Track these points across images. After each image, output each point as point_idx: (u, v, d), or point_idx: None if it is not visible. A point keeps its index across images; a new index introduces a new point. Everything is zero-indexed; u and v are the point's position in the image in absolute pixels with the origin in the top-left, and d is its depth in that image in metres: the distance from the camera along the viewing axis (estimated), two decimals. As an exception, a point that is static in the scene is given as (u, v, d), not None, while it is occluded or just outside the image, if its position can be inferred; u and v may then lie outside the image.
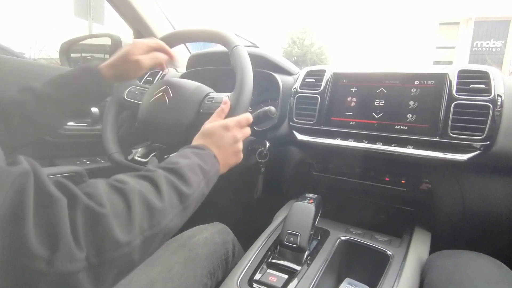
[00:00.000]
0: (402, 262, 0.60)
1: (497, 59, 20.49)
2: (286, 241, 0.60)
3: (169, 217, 0.40)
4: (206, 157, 0.52)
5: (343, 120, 0.78)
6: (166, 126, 0.70)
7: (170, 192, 0.42)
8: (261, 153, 0.82)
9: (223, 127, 0.58)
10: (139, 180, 0.41)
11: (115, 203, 0.35)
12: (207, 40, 0.81)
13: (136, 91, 0.80)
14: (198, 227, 0.74)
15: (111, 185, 0.37)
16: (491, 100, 0.63)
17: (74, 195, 0.31)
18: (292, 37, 22.27)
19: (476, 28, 21.71)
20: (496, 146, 0.63)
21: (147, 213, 0.37)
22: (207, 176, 0.50)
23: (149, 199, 0.38)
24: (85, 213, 0.31)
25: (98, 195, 0.34)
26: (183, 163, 0.47)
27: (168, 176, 0.43)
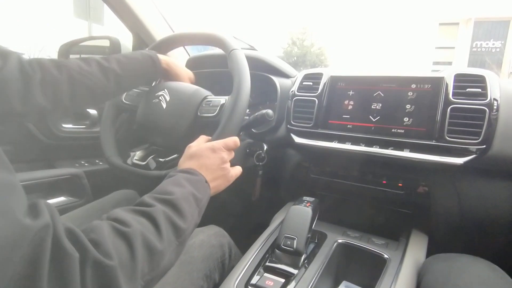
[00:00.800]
0: (398, 266, 0.60)
1: (496, 60, 20.51)
2: (283, 244, 0.60)
3: (166, 257, 0.40)
4: (198, 183, 0.52)
5: (340, 123, 0.78)
6: (164, 129, 0.70)
7: (168, 230, 0.42)
8: (259, 155, 0.82)
9: (210, 149, 0.57)
10: (139, 218, 0.40)
11: (121, 251, 0.35)
12: (206, 43, 0.81)
13: (134, 94, 0.80)
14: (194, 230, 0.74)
15: (115, 228, 0.37)
16: (487, 104, 0.63)
17: (84, 248, 0.31)
18: (292, 37, 22.27)
19: (475, 28, 21.72)
20: (492, 149, 0.63)
21: (148, 257, 0.38)
22: (200, 205, 0.50)
23: (150, 241, 0.38)
24: (94, 267, 0.31)
25: (104, 244, 0.34)
26: (178, 194, 0.47)
27: (166, 211, 0.43)
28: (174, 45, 0.84)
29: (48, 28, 11.88)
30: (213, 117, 0.67)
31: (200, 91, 0.73)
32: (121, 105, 0.80)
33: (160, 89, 0.74)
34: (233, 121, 0.62)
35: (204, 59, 1.07)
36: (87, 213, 0.74)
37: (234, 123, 0.63)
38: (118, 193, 0.86)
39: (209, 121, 0.67)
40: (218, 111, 0.66)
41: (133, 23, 1.12)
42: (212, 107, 0.68)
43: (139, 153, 0.75)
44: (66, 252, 0.29)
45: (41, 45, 8.59)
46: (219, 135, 0.61)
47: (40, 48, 7.96)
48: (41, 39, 10.89)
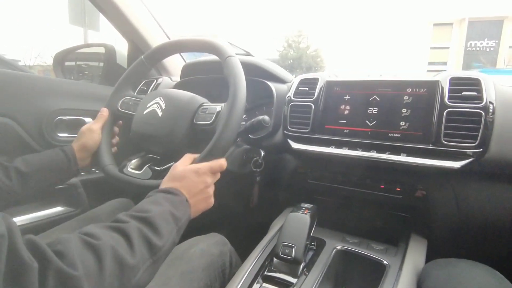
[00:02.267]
0: (398, 272, 0.60)
1: (491, 59, 20.69)
2: (281, 253, 0.60)
3: (139, 273, 0.40)
4: (178, 203, 0.51)
5: (337, 128, 0.78)
6: (159, 138, 0.69)
7: (141, 246, 0.41)
8: (256, 162, 0.82)
9: (194, 172, 0.57)
10: (111, 232, 0.40)
11: (87, 263, 0.34)
12: (201, 50, 0.80)
13: (130, 102, 0.79)
14: (194, 238, 0.73)
15: (83, 241, 0.37)
16: (483, 107, 0.63)
17: (45, 259, 0.31)
18: (287, 40, 22.38)
19: (469, 28, 21.93)
20: (489, 153, 0.63)
21: (118, 271, 0.37)
22: (179, 224, 0.49)
23: (121, 256, 0.38)
24: (56, 277, 0.31)
25: (70, 255, 0.33)
26: (155, 211, 0.46)
27: (140, 227, 0.43)
28: (169, 52, 0.84)
29: (44, 35, 11.90)
30: (209, 125, 0.66)
31: (195, 99, 0.73)
32: (116, 113, 0.80)
33: (155, 97, 0.73)
34: (229, 129, 0.62)
35: (199, 65, 1.06)
36: (82, 224, 0.73)
37: (230, 131, 0.62)
38: (113, 202, 0.85)
39: (205, 129, 0.67)
40: (214, 118, 0.66)
41: (128, 31, 1.12)
42: (208, 115, 0.67)
43: (134, 162, 0.74)
44: (23, 262, 0.29)
45: (37, 52, 8.56)
46: (214, 145, 0.61)
47: (36, 54, 7.93)
48: (37, 46, 10.87)
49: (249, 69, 0.90)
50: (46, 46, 9.37)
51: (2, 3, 7.11)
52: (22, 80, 0.92)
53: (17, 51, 9.96)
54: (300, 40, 22.06)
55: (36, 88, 0.93)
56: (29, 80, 0.93)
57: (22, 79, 0.92)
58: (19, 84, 0.89)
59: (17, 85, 0.89)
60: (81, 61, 1.45)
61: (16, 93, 0.88)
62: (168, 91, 0.75)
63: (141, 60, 0.82)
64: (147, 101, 0.74)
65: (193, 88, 0.86)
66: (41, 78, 1.05)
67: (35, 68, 11.77)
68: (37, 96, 0.92)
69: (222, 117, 0.64)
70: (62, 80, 1.25)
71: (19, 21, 15.21)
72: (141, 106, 0.74)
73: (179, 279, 0.59)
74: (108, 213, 0.79)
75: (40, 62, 12.33)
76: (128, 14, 1.06)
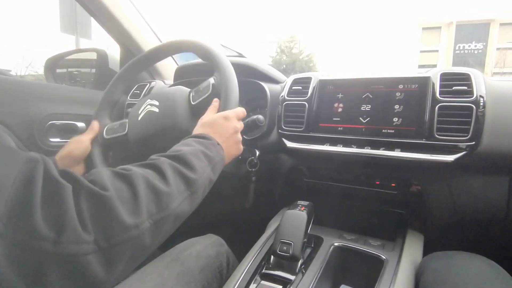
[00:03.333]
0: (396, 266, 0.60)
1: (479, 61, 21.11)
2: (279, 250, 0.59)
3: (177, 201, 0.40)
4: (209, 144, 0.52)
5: (331, 126, 0.79)
6: (165, 131, 0.69)
7: (176, 177, 0.42)
8: (251, 162, 0.82)
9: (224, 118, 0.59)
10: (143, 168, 0.41)
11: (119, 187, 0.36)
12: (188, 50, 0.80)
13: (114, 126, 0.78)
14: (190, 240, 0.72)
15: (115, 172, 0.38)
16: (474, 101, 0.64)
17: (78, 182, 0.33)
18: (280, 46, 22.57)
19: (457, 31, 22.40)
20: (482, 146, 0.64)
21: (153, 197, 0.38)
22: (212, 162, 0.50)
23: (154, 184, 0.38)
24: (89, 197, 0.32)
25: (102, 181, 0.35)
26: (186, 150, 0.47)
27: (172, 162, 0.43)
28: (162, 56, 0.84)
29: (35, 44, 11.83)
30: (209, 96, 0.67)
31: (182, 88, 0.74)
32: (104, 142, 0.78)
33: (144, 101, 0.74)
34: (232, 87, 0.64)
35: (192, 68, 1.06)
36: None
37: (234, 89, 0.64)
38: None
39: (207, 100, 0.67)
40: (212, 89, 0.66)
41: (121, 35, 1.11)
42: (204, 90, 0.68)
43: None
44: (58, 183, 0.31)
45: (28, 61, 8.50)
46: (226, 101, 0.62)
47: (27, 64, 7.87)
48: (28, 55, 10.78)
49: (242, 70, 0.90)
50: (37, 55, 9.30)
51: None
52: (13, 85, 0.90)
53: (8, 61, 9.86)
54: (293, 46, 22.25)
55: (27, 93, 0.92)
56: (20, 85, 0.92)
57: (13, 84, 0.91)
58: (10, 89, 0.88)
59: (7, 90, 0.88)
60: (72, 67, 1.44)
61: (6, 98, 0.87)
62: (153, 92, 0.76)
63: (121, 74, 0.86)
64: (137, 109, 0.74)
65: None
66: (32, 83, 1.03)
67: (27, 78, 11.64)
68: (28, 101, 0.91)
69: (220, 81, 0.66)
70: (53, 84, 1.24)
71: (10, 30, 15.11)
72: (133, 116, 0.74)
73: (175, 281, 0.58)
74: None
75: (31, 71, 12.22)
76: (120, 18, 1.06)
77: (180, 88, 0.74)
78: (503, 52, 19.93)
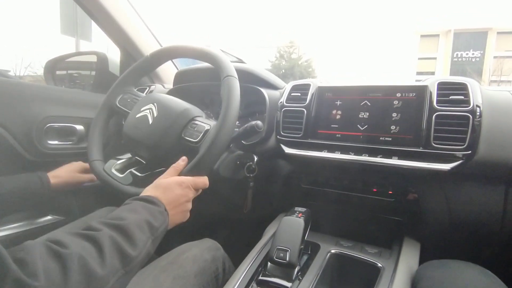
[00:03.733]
0: (392, 274, 0.60)
1: (477, 69, 21.30)
2: (275, 257, 0.59)
3: (108, 285, 0.38)
4: (156, 212, 0.51)
5: (329, 133, 0.79)
6: (147, 145, 0.69)
7: (114, 256, 0.40)
8: (250, 167, 0.82)
9: (179, 184, 0.57)
10: (81, 241, 0.39)
11: (51, 273, 0.33)
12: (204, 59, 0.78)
13: (128, 99, 0.79)
14: (187, 244, 0.72)
15: (50, 249, 0.35)
16: (470, 111, 0.65)
17: (4, 266, 0.29)
18: (279, 51, 22.70)
19: (455, 39, 22.63)
20: (478, 155, 0.65)
21: (85, 283, 0.35)
22: (155, 233, 0.48)
23: (89, 266, 0.36)
24: (15, 287, 0.29)
25: (32, 263, 0.32)
26: (131, 219, 0.45)
27: (113, 236, 0.41)
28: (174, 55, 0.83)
29: (35, 45, 11.83)
30: (194, 143, 0.66)
31: (189, 111, 0.71)
32: (114, 108, 0.80)
33: (149, 102, 0.73)
34: (213, 151, 0.61)
35: (192, 73, 1.07)
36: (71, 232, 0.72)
37: (213, 153, 0.62)
38: (101, 210, 0.84)
39: (190, 146, 0.66)
40: (201, 137, 0.65)
41: (121, 38, 1.12)
42: (196, 132, 0.67)
43: (119, 163, 0.73)
44: None
45: (27, 62, 8.47)
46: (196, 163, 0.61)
47: (26, 64, 7.84)
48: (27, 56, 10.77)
49: (242, 76, 0.91)
50: (37, 56, 9.31)
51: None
52: (11, 87, 0.90)
53: (7, 61, 9.85)
54: (292, 51, 22.39)
55: (25, 95, 0.92)
56: (18, 87, 0.92)
57: (11, 86, 0.91)
58: (8, 91, 0.88)
59: (6, 92, 0.88)
60: (72, 69, 1.44)
61: (5, 100, 0.86)
62: (163, 98, 0.74)
63: (147, 57, 0.82)
64: (142, 104, 0.74)
65: (186, 95, 0.86)
66: (30, 85, 1.03)
67: (26, 79, 11.64)
68: (27, 103, 0.91)
69: (208, 138, 0.64)
70: (52, 87, 1.24)
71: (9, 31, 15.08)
72: (136, 107, 0.74)
73: (171, 285, 0.59)
74: None
75: (30, 72, 12.23)
76: (120, 22, 1.06)
77: (185, 111, 0.71)
78: (500, 61, 20.14)
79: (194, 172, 0.61)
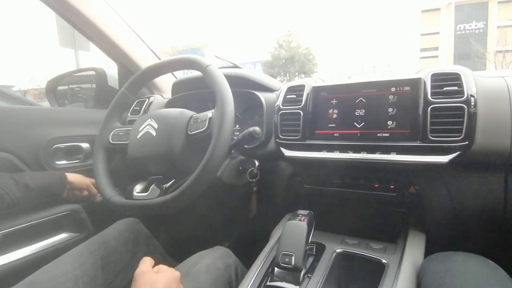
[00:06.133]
0: (397, 270, 0.61)
1: (481, 40, 20.75)
2: (281, 262, 0.61)
3: None
4: None
5: (327, 133, 0.80)
6: (158, 157, 0.70)
7: None
8: (252, 172, 0.84)
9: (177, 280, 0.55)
10: None
11: None
12: (179, 68, 0.83)
13: (120, 133, 0.80)
14: (199, 253, 0.74)
15: None
16: (465, 101, 0.65)
17: None
18: (278, 41, 22.44)
19: (457, 12, 22.03)
20: (475, 145, 0.65)
21: None
22: None
23: None
24: None
25: None
26: None
27: None
28: (148, 79, 0.86)
29: (36, 59, 11.97)
30: (204, 131, 0.68)
31: (184, 112, 0.74)
32: (109, 146, 0.81)
33: (146, 119, 0.74)
34: (225, 130, 0.64)
35: (188, 82, 1.08)
36: (91, 248, 0.74)
37: (226, 132, 0.64)
38: (120, 222, 0.86)
39: (201, 136, 0.68)
40: (208, 124, 0.67)
41: (117, 54, 1.14)
42: (201, 123, 0.69)
43: (138, 186, 0.74)
44: None
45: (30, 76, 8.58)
46: (215, 145, 0.62)
47: (29, 79, 7.93)
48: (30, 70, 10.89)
49: (237, 81, 0.92)
50: (39, 69, 9.41)
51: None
52: (16, 113, 0.94)
53: (10, 76, 10.01)
54: (291, 40, 22.13)
55: (30, 119, 0.95)
56: (22, 113, 0.95)
57: (15, 112, 0.94)
58: (12, 118, 0.91)
59: (10, 118, 0.91)
60: (73, 84, 1.47)
61: (10, 126, 0.89)
62: (156, 111, 0.77)
63: (123, 91, 0.84)
64: (138, 126, 0.75)
65: (185, 104, 0.87)
66: (34, 109, 1.07)
67: (30, 92, 11.80)
68: (32, 127, 0.94)
69: (215, 120, 0.66)
70: (55, 108, 1.27)
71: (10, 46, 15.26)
72: (133, 132, 0.75)
73: None
74: (115, 235, 0.80)
75: (34, 85, 12.38)
76: (115, 39, 1.08)
77: (181, 113, 0.74)
78: (504, 30, 19.56)
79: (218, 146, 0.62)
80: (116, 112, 0.85)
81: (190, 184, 0.62)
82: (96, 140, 0.82)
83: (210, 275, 0.67)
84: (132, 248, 0.81)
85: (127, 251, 0.79)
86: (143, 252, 0.83)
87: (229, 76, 0.72)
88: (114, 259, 0.75)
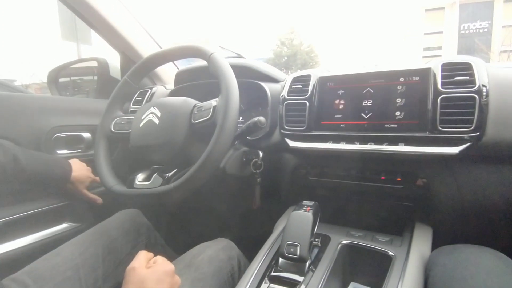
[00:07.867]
0: (404, 262, 0.60)
1: (485, 40, 20.62)
2: (286, 252, 0.60)
3: None
4: None
5: (333, 123, 0.78)
6: (161, 146, 0.69)
7: None
8: (256, 163, 0.82)
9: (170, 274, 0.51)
10: None
11: None
12: (183, 56, 0.81)
13: (122, 122, 0.79)
14: (202, 245, 0.74)
15: None
16: (477, 91, 0.63)
17: None
18: (280, 38, 22.38)
19: (461, 11, 21.89)
20: (486, 136, 0.63)
21: None
22: None
23: None
24: None
25: None
26: None
27: None
28: (151, 67, 0.84)
29: (38, 52, 11.96)
30: (208, 120, 0.66)
31: (188, 101, 0.73)
32: (110, 135, 0.79)
33: (149, 107, 0.73)
34: (230, 119, 0.62)
35: (191, 72, 1.07)
36: (92, 238, 0.73)
37: (231, 120, 0.62)
38: (121, 213, 0.85)
39: (205, 124, 0.66)
40: (212, 112, 0.66)
41: (119, 43, 1.12)
42: (205, 111, 0.67)
43: (140, 175, 0.73)
44: None
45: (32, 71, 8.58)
46: (219, 134, 0.61)
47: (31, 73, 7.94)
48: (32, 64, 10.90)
49: (242, 71, 0.90)
50: (40, 63, 9.40)
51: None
52: (17, 100, 0.92)
53: (12, 70, 10.02)
54: (293, 37, 22.05)
55: (32, 107, 0.93)
56: (24, 100, 0.94)
57: (17, 100, 0.92)
58: (14, 105, 0.90)
59: (12, 106, 0.89)
60: (74, 76, 1.45)
61: (11, 114, 0.88)
62: (160, 100, 0.75)
63: (125, 80, 0.82)
64: (140, 114, 0.74)
65: (188, 95, 0.85)
66: (35, 97, 1.05)
67: (32, 87, 11.76)
68: (33, 115, 0.92)
69: (220, 108, 0.64)
70: (57, 97, 1.26)
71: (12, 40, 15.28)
72: (136, 120, 0.74)
73: (189, 286, 0.60)
74: (117, 225, 0.79)
75: (36, 80, 12.38)
76: (117, 27, 1.06)
77: (185, 101, 0.72)
78: (509, 30, 19.41)
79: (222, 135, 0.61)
80: (118, 101, 0.84)
81: (192, 174, 0.61)
82: (98, 129, 0.81)
83: (213, 266, 0.66)
84: (133, 238, 0.80)
85: (128, 241, 0.78)
86: (144, 243, 0.83)
87: (234, 66, 0.71)
88: (115, 249, 0.74)
